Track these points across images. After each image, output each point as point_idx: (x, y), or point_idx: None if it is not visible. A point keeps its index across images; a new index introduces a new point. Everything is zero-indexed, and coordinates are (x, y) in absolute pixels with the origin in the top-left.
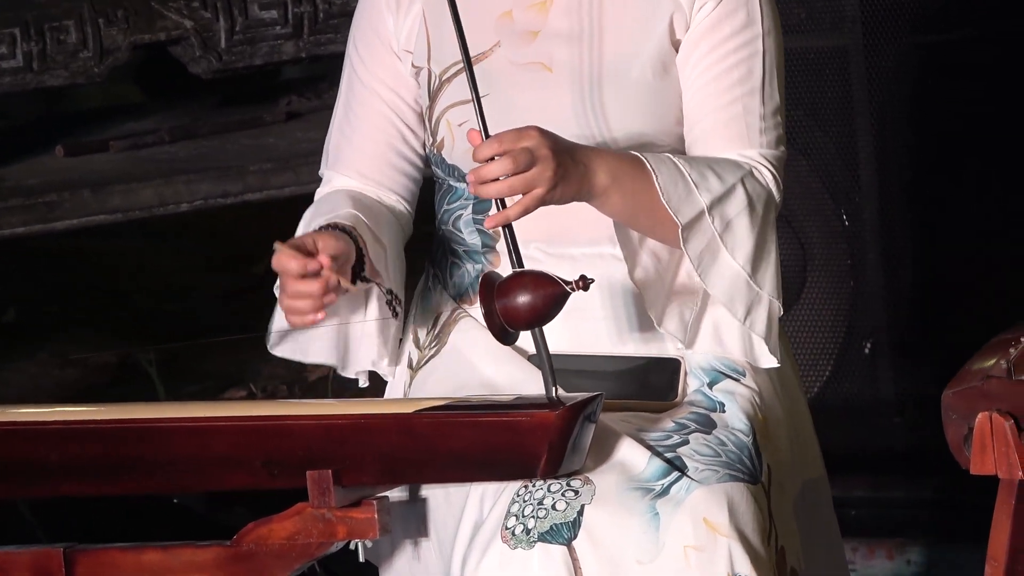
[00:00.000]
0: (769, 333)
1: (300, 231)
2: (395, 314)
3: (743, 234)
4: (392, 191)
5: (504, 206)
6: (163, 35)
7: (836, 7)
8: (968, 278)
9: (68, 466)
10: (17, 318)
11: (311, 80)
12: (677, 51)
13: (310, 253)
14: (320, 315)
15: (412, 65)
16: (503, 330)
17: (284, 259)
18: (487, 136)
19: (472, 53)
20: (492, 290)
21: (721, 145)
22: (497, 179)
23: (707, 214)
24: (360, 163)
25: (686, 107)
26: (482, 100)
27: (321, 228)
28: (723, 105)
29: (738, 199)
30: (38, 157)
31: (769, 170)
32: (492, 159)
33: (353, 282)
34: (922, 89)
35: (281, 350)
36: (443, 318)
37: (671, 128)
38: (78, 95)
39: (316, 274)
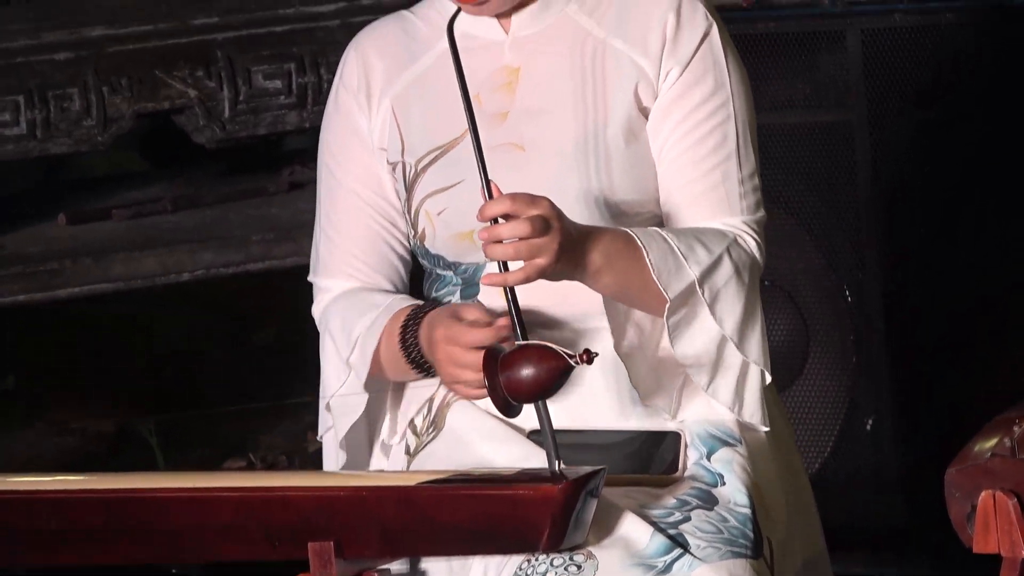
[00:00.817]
0: (752, 398)
1: (341, 336)
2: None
3: (731, 302)
4: (387, 284)
5: (506, 269)
6: (167, 104)
7: (841, 82)
8: (973, 356)
9: (67, 534)
10: (16, 386)
11: (313, 150)
12: (646, 118)
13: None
14: None
15: (387, 162)
16: (507, 403)
17: (475, 334)
18: (490, 196)
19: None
20: (496, 363)
21: (702, 214)
22: (502, 241)
23: (697, 286)
24: (352, 266)
25: (662, 177)
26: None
27: (416, 308)
28: (701, 174)
29: (725, 269)
30: (40, 225)
31: (752, 236)
32: (498, 219)
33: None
34: (926, 164)
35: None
36: (437, 402)
37: (650, 194)
38: (81, 163)
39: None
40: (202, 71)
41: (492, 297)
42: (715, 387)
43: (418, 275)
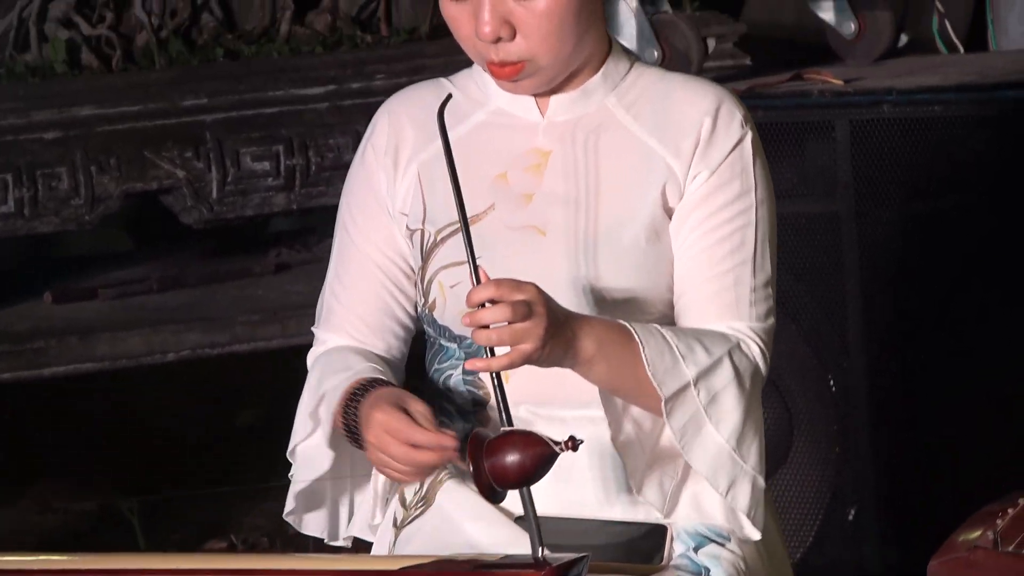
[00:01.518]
0: (752, 508)
1: (314, 389)
2: None
3: (729, 408)
4: (384, 351)
5: (493, 354)
6: (155, 184)
7: (829, 173)
8: (956, 447)
9: None
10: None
11: (301, 232)
12: (670, 218)
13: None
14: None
15: (407, 228)
16: (491, 489)
17: (413, 432)
18: (479, 282)
19: (467, 214)
20: (481, 448)
21: (711, 316)
22: (488, 326)
23: (693, 387)
24: (352, 325)
25: (677, 274)
26: (476, 263)
27: (372, 381)
28: (715, 276)
29: (725, 372)
30: (26, 303)
31: (757, 343)
32: (485, 305)
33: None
34: (912, 256)
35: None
36: (430, 477)
37: (663, 293)
38: (67, 241)
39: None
40: (191, 152)
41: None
42: (735, 494)
43: (421, 344)
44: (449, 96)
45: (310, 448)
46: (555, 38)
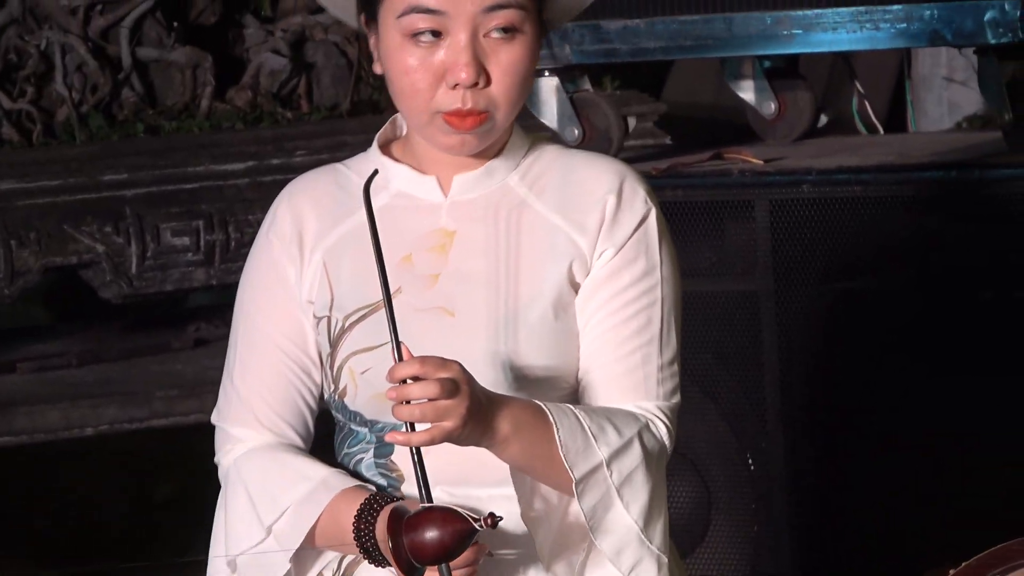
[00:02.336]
0: None
1: (260, 496)
2: None
3: (638, 488)
4: (294, 437)
5: (413, 430)
6: (75, 259)
7: (748, 252)
8: (876, 527)
9: None
10: None
11: (219, 307)
12: (576, 293)
13: None
14: None
15: (314, 316)
16: (409, 566)
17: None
18: (401, 358)
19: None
20: (400, 524)
21: (618, 395)
22: (411, 402)
23: (605, 467)
24: (264, 416)
25: (583, 351)
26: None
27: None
28: (622, 356)
29: (635, 453)
30: None
31: (664, 423)
32: (407, 381)
33: None
34: (831, 336)
35: None
36: (347, 558)
37: (572, 368)
38: None
39: None
40: (110, 227)
41: (406, 457)
42: (638, 573)
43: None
44: (376, 171)
45: (262, 557)
46: (517, 91)
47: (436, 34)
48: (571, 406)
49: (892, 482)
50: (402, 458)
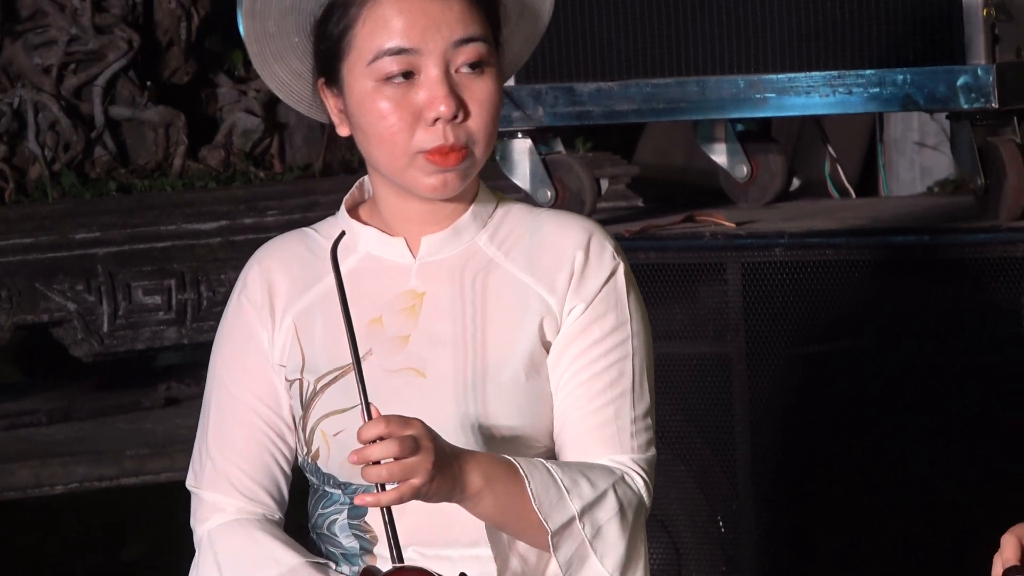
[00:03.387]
0: None
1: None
2: None
3: (614, 540)
4: (269, 503)
5: (383, 490)
6: (46, 316)
7: (720, 315)
8: None
9: None
10: None
11: (190, 366)
12: (548, 352)
13: None
14: None
15: (286, 379)
16: None
17: None
18: (370, 418)
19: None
20: None
21: (592, 449)
22: (378, 462)
23: (578, 520)
24: (240, 483)
25: (557, 409)
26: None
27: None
28: (594, 409)
29: (609, 505)
30: None
31: (640, 475)
32: (375, 441)
33: None
34: (802, 398)
35: None
36: None
37: (546, 428)
38: None
39: None
40: (82, 285)
41: (380, 518)
42: None
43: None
44: (343, 233)
45: None
46: (493, 124)
47: (408, 75)
48: (543, 460)
49: (864, 544)
50: (375, 519)
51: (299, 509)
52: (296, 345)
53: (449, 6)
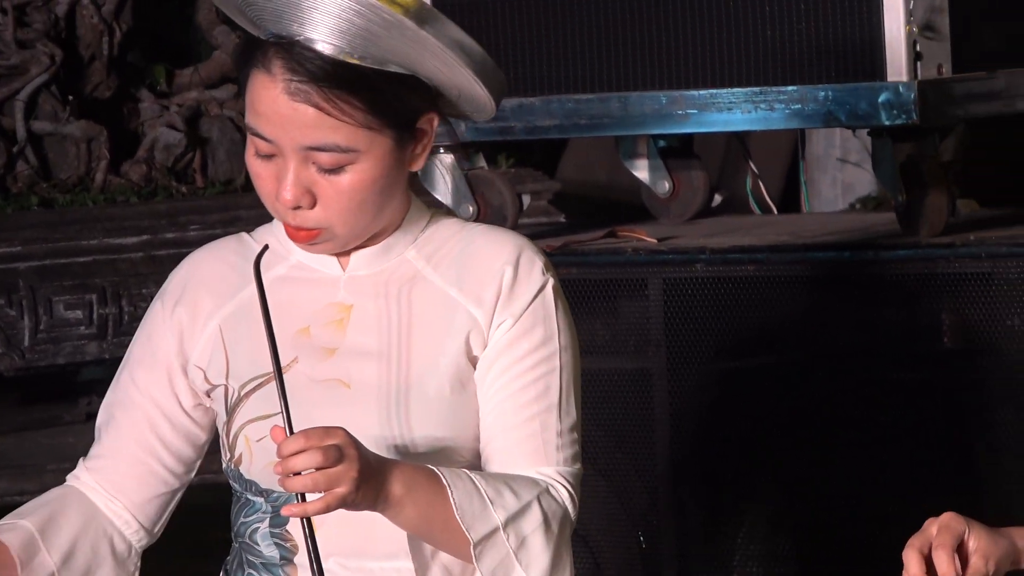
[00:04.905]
0: None
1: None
2: None
3: (538, 552)
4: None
5: (303, 500)
6: None
7: (640, 331)
8: None
9: None
10: None
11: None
12: (475, 367)
13: None
14: None
15: (207, 382)
16: None
17: None
18: (291, 432)
19: (267, 371)
20: None
21: (518, 462)
22: (300, 473)
23: (502, 531)
24: (112, 469)
25: (483, 422)
26: (279, 415)
27: None
28: (520, 422)
29: (533, 516)
30: None
31: (566, 487)
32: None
33: None
34: (721, 414)
35: None
36: None
37: (470, 442)
38: None
39: None
40: (3, 299)
41: (300, 529)
42: None
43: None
44: (266, 247)
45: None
46: (354, 213)
47: (271, 156)
48: (467, 471)
49: (785, 558)
50: (296, 529)
51: (222, 525)
52: (221, 349)
53: (302, 112)
